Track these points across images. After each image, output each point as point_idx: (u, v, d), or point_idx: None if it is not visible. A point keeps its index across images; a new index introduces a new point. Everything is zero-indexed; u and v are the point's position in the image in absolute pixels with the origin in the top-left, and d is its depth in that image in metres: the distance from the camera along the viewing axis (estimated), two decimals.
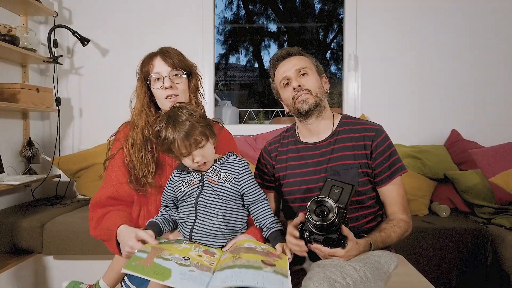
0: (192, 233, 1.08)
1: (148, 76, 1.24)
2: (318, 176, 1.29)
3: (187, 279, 0.89)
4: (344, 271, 0.97)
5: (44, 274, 2.22)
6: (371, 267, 1.03)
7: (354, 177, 1.25)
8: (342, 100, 2.90)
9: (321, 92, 1.32)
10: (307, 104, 1.27)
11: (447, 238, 2.01)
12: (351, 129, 1.32)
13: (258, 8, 5.85)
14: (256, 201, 1.13)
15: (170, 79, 1.22)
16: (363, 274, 0.98)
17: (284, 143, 1.42)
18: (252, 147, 2.62)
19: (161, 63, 1.23)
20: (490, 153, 2.38)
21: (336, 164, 1.27)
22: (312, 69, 1.34)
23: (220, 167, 1.13)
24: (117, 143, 1.29)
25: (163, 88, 1.21)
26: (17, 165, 2.59)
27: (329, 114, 1.36)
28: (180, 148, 1.06)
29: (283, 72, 1.34)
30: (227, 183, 1.10)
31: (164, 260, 0.94)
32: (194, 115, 1.08)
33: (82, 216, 2.21)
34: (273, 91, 1.45)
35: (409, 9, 2.75)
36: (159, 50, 1.27)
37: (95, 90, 2.87)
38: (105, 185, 1.25)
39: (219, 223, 1.07)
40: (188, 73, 1.28)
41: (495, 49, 2.70)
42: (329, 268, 0.98)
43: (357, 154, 1.27)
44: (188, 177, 1.14)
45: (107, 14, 2.85)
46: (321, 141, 1.33)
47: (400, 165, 1.29)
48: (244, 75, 6.19)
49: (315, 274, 0.95)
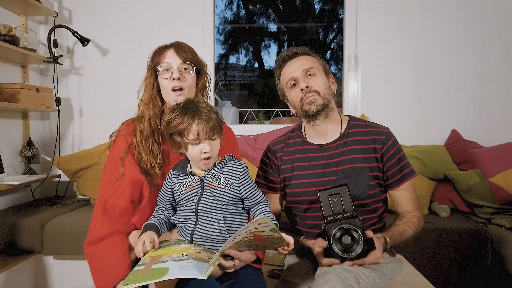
0: (193, 237, 1.07)
1: (156, 67, 1.23)
2: (327, 179, 1.26)
3: (184, 269, 0.89)
4: (355, 276, 1.00)
5: (44, 274, 2.22)
6: (378, 274, 1.07)
7: (365, 180, 1.24)
8: (342, 100, 2.90)
9: (329, 93, 1.29)
10: (315, 105, 1.25)
11: (447, 238, 2.01)
12: (360, 132, 1.30)
13: (258, 8, 5.86)
14: (257, 203, 1.12)
15: (180, 71, 1.20)
16: (372, 279, 1.02)
17: (290, 143, 1.38)
18: (252, 147, 2.62)
19: (173, 55, 1.22)
20: (490, 153, 2.38)
21: (346, 167, 1.25)
22: (320, 69, 1.31)
23: (220, 172, 1.11)
24: (120, 138, 1.25)
25: (170, 79, 1.20)
26: (17, 165, 2.59)
27: (336, 116, 1.33)
28: (199, 132, 1.04)
29: (290, 72, 1.30)
30: (228, 188, 1.09)
31: (162, 263, 0.93)
32: (212, 107, 1.10)
33: (82, 216, 2.21)
34: (279, 92, 1.41)
35: (409, 9, 2.74)
36: (173, 43, 1.27)
37: (95, 90, 2.87)
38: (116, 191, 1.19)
39: (220, 228, 1.06)
40: (198, 70, 1.27)
41: (495, 49, 2.70)
42: (343, 273, 1.00)
43: (367, 158, 1.26)
44: (186, 179, 1.12)
45: (107, 14, 2.85)
46: (330, 143, 1.30)
47: (410, 169, 1.29)
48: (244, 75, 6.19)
49: (331, 278, 0.98)
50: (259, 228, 0.92)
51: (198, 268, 0.90)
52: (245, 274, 1.07)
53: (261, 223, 0.90)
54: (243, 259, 1.06)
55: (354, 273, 1.01)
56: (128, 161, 1.20)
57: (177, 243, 1.07)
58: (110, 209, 1.16)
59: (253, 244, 0.99)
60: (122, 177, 1.18)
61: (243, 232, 0.91)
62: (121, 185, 1.18)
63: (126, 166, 1.20)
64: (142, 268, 0.94)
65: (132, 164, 1.20)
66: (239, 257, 1.04)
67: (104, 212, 1.15)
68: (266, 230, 0.93)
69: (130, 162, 1.20)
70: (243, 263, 1.08)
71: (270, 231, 0.93)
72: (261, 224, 0.91)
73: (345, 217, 1.08)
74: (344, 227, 1.03)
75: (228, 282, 1.04)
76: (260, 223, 0.90)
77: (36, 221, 2.12)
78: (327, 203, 1.10)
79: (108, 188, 1.19)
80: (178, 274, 0.87)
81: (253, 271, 1.11)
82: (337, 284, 0.95)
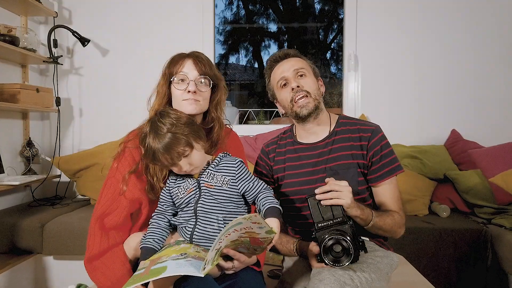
0: (192, 238, 1.06)
1: (173, 75, 1.20)
2: (317, 177, 1.29)
3: (182, 266, 0.89)
4: (351, 273, 1.00)
5: (44, 274, 2.22)
6: (374, 268, 1.08)
7: (354, 176, 1.25)
8: (342, 100, 2.90)
9: (319, 94, 1.32)
10: (307, 109, 1.27)
11: (447, 238, 2.01)
12: (349, 129, 1.32)
13: (258, 8, 5.85)
14: (258, 192, 1.10)
15: (196, 84, 1.18)
16: (368, 275, 1.03)
17: (282, 144, 1.41)
18: (252, 147, 2.62)
19: (191, 66, 1.18)
20: (490, 153, 2.38)
21: (334, 164, 1.27)
22: (310, 71, 1.34)
23: (215, 170, 1.10)
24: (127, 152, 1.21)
25: (185, 91, 1.17)
26: (17, 165, 2.59)
27: (326, 115, 1.36)
28: (162, 160, 1.03)
29: (280, 72, 1.33)
30: (225, 186, 1.08)
31: (160, 263, 0.94)
32: (175, 125, 1.03)
33: (82, 216, 2.21)
34: (269, 92, 1.43)
35: (409, 9, 2.75)
36: (192, 53, 1.23)
37: (95, 90, 2.87)
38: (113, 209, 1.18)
39: (220, 228, 1.05)
40: (214, 84, 1.23)
41: (495, 49, 2.70)
42: (337, 271, 1.01)
43: (355, 154, 1.27)
44: (184, 183, 1.11)
45: (107, 14, 2.85)
46: (319, 142, 1.33)
47: (396, 165, 1.28)
48: (244, 75, 6.19)
49: (326, 277, 0.99)
50: (254, 229, 0.91)
51: (196, 266, 0.90)
52: (245, 275, 1.07)
53: (255, 222, 0.89)
54: (242, 261, 1.06)
55: (349, 271, 1.02)
56: (130, 180, 1.18)
57: (176, 244, 1.07)
58: (107, 225, 1.16)
59: (251, 247, 0.99)
60: (123, 195, 1.16)
61: (237, 228, 0.90)
62: (121, 203, 1.17)
63: (128, 184, 1.18)
64: (142, 271, 0.94)
65: (133, 183, 1.18)
66: (238, 258, 1.04)
67: (101, 228, 1.15)
68: (262, 232, 0.92)
69: (132, 181, 1.18)
70: (243, 265, 1.07)
71: (266, 233, 0.92)
72: (256, 224, 0.89)
73: (335, 223, 1.08)
74: (334, 238, 1.03)
75: (227, 283, 1.04)
76: (254, 222, 0.88)
77: (36, 221, 2.12)
78: (316, 209, 1.10)
79: (109, 205, 1.17)
80: (176, 271, 0.87)
81: (253, 273, 1.10)
82: (332, 283, 0.96)
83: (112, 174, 1.20)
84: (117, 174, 1.19)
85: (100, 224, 1.15)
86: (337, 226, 1.07)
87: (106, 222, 1.16)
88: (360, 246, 1.06)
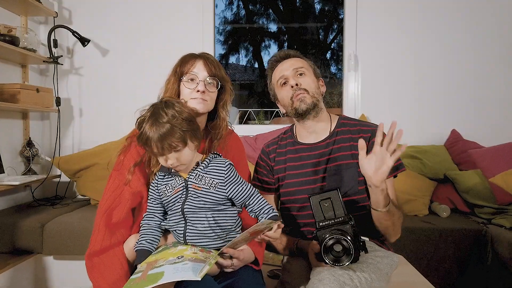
0: (186, 239, 1.06)
1: (183, 74, 1.23)
2: (317, 177, 1.29)
3: (179, 271, 0.90)
4: (350, 273, 1.01)
5: (44, 274, 2.22)
6: (374, 268, 1.08)
7: (353, 176, 1.25)
8: (342, 100, 2.90)
9: (318, 93, 1.33)
10: (305, 103, 1.28)
11: (447, 238, 2.01)
12: (349, 130, 1.33)
13: (258, 8, 5.85)
14: (248, 198, 1.11)
15: (205, 85, 1.21)
16: (368, 275, 1.03)
17: (282, 144, 1.42)
18: (252, 147, 2.62)
19: (202, 67, 1.22)
20: (490, 153, 2.38)
21: (335, 165, 1.28)
22: (310, 70, 1.35)
23: (204, 172, 1.09)
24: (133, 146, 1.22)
25: (194, 90, 1.20)
26: (17, 165, 2.59)
27: (326, 116, 1.37)
28: (153, 148, 1.04)
29: (280, 71, 1.35)
30: (213, 189, 1.07)
31: (158, 267, 0.94)
32: (177, 117, 1.04)
33: (82, 216, 2.22)
34: (270, 93, 1.46)
35: (409, 9, 2.75)
36: (202, 54, 1.26)
37: (95, 90, 2.87)
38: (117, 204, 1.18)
39: (210, 225, 1.06)
40: (222, 86, 1.26)
41: (495, 49, 2.70)
42: (337, 271, 1.01)
43: (355, 154, 1.27)
44: (172, 180, 1.11)
45: (107, 14, 2.85)
46: (320, 142, 1.34)
47: (398, 163, 1.28)
48: (244, 75, 6.19)
49: (325, 276, 0.99)
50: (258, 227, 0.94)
51: (194, 269, 0.90)
52: (244, 274, 1.07)
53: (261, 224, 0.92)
54: (241, 259, 1.06)
55: (348, 271, 1.02)
56: (134, 173, 1.19)
57: (173, 246, 1.07)
58: (113, 220, 1.16)
59: (249, 238, 1.02)
60: (127, 184, 1.17)
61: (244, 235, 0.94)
62: (124, 196, 1.17)
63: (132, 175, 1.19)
64: (139, 275, 0.94)
65: (137, 176, 1.19)
66: (237, 256, 1.05)
67: (106, 225, 1.15)
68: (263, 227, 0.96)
69: (135, 174, 1.19)
70: (242, 263, 1.08)
71: (267, 225, 0.97)
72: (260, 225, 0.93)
73: (336, 223, 1.08)
74: (334, 237, 1.03)
75: (226, 281, 1.04)
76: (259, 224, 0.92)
77: (36, 221, 2.12)
78: (318, 208, 1.11)
79: (114, 198, 1.18)
80: (173, 277, 0.88)
81: (252, 272, 1.11)
82: (331, 283, 0.96)
83: (117, 167, 1.22)
84: (122, 168, 1.20)
85: (105, 221, 1.15)
86: (338, 225, 1.08)
87: (112, 217, 1.16)
88: (360, 246, 1.06)
